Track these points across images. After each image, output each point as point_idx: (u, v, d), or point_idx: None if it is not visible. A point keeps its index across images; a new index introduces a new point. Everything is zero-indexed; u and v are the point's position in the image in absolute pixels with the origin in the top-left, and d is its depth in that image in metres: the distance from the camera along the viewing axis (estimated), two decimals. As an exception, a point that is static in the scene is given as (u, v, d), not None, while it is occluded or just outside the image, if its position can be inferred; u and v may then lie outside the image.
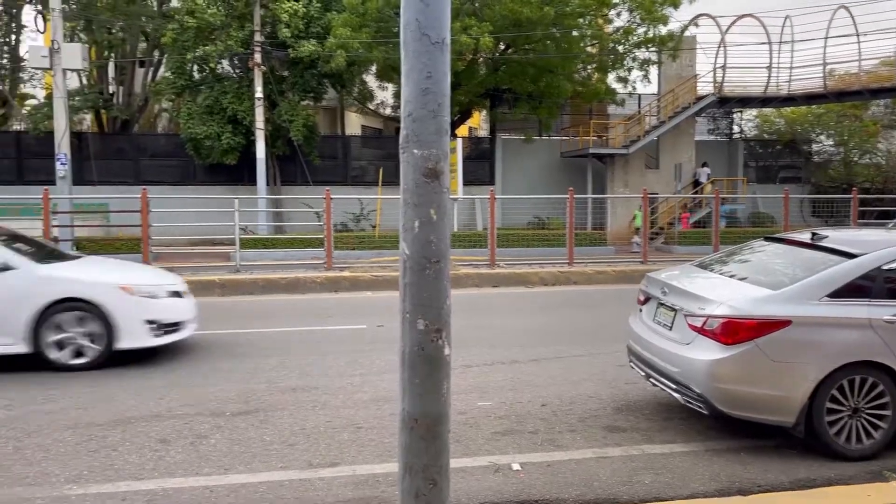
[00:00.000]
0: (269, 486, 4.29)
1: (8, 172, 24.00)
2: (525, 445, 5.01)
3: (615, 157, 25.23)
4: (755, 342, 4.69)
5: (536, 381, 6.70)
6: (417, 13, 2.70)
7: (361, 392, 6.31)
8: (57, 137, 17.35)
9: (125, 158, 24.69)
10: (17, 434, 5.14)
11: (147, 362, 7.35)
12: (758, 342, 4.69)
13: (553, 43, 22.58)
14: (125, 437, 5.08)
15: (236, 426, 5.35)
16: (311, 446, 4.94)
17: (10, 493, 4.14)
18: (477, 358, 7.53)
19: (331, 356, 7.68)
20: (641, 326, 5.76)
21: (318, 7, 21.82)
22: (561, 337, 8.83)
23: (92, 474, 4.43)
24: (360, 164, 26.60)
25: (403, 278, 2.84)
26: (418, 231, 2.79)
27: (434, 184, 2.79)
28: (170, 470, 4.51)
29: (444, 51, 2.74)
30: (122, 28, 24.97)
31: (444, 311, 2.83)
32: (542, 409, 5.81)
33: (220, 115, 22.23)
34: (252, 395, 6.21)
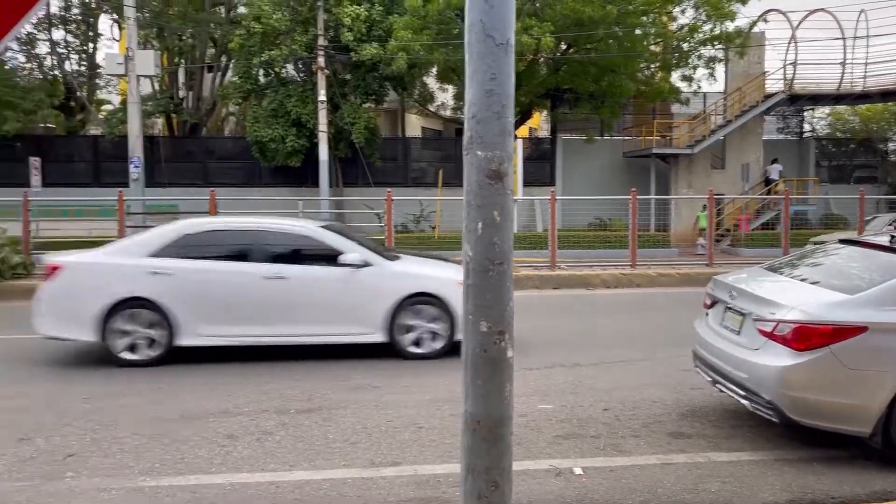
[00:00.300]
0: (332, 483, 4.35)
1: (85, 175, 25.06)
2: (587, 450, 4.95)
3: (679, 158, 24.72)
4: (829, 349, 4.52)
5: (598, 385, 6.62)
6: (482, 15, 2.70)
7: (422, 392, 6.35)
8: (131, 141, 18.02)
9: (194, 161, 25.47)
10: (95, 426, 5.36)
11: (216, 359, 7.56)
12: (832, 349, 4.52)
13: (615, 42, 22.26)
14: (195, 432, 5.23)
15: (300, 423, 5.45)
16: (373, 445, 5.00)
17: (89, 483, 4.32)
18: (537, 360, 7.48)
19: (392, 356, 7.74)
20: (708, 331, 5.62)
21: (380, 10, 22.06)
22: (623, 340, 8.70)
23: (164, 467, 4.58)
24: (420, 166, 26.78)
25: (466, 280, 2.84)
26: (481, 233, 2.78)
27: (497, 185, 2.78)
28: (237, 465, 4.62)
29: (508, 52, 2.73)
30: (191, 35, 25.78)
31: (507, 314, 2.82)
32: (605, 414, 5.73)
33: (284, 119, 22.71)
34: (315, 393, 6.32)
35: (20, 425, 5.38)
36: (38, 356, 7.76)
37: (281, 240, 7.77)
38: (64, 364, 7.45)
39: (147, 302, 7.29)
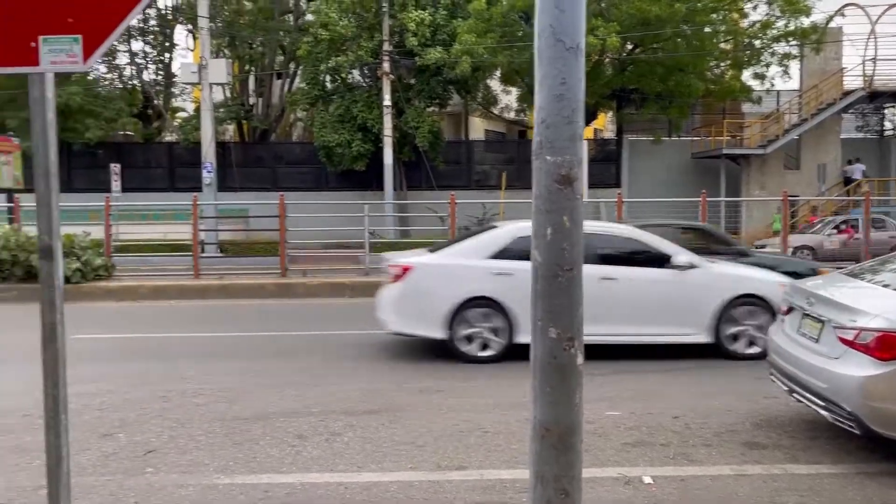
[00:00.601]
0: (399, 485, 4.39)
1: (161, 180, 26.03)
2: (656, 458, 4.86)
3: (751, 158, 24.02)
4: (916, 359, 4.30)
5: (667, 392, 6.48)
6: (552, 20, 2.69)
7: (487, 397, 6.34)
8: (204, 147, 18.65)
9: (263, 166, 26.15)
10: (172, 424, 5.55)
11: (284, 361, 7.73)
12: (919, 359, 4.30)
13: (683, 40, 21.81)
14: (266, 432, 5.36)
15: (367, 425, 5.52)
16: (439, 448, 5.02)
17: (167, 479, 4.48)
18: (604, 366, 7.38)
19: (456, 359, 7.76)
20: (784, 338, 5.44)
21: (444, 15, 22.20)
22: (692, 347, 8.48)
23: (237, 465, 4.71)
24: (483, 168, 26.80)
25: (535, 285, 2.83)
26: (550, 238, 2.77)
27: (567, 190, 2.76)
28: (307, 465, 4.71)
29: (578, 56, 2.71)
30: (261, 42, 26.49)
31: (577, 320, 2.80)
32: (675, 422, 5.61)
33: (350, 124, 23.09)
34: (382, 394, 6.39)
35: (103, 421, 5.62)
36: (114, 354, 8.10)
37: (608, 242, 8.03)
38: (141, 360, 7.74)
39: (491, 301, 7.60)
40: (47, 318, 2.59)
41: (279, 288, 13.04)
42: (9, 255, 12.33)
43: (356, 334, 9.34)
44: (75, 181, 24.47)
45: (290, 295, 12.89)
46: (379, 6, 21.98)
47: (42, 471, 4.52)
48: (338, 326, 9.97)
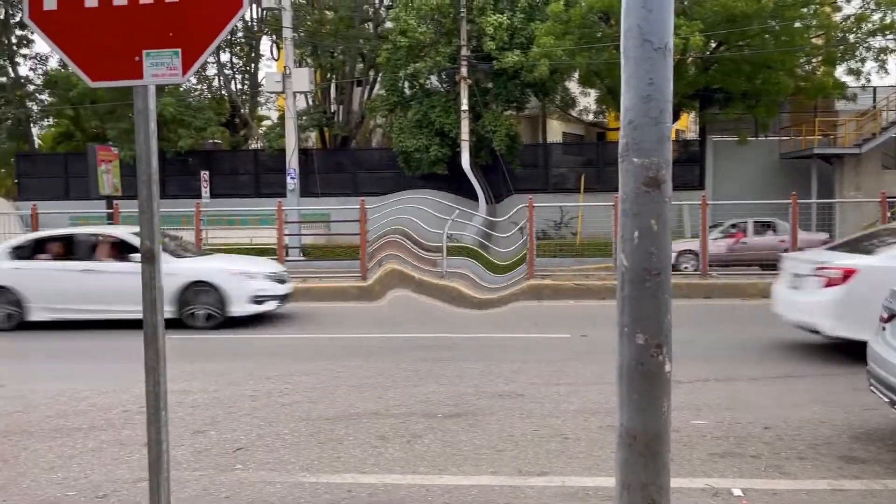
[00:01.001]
0: (480, 489, 4.39)
1: (247, 186, 26.94)
2: (746, 470, 4.68)
3: (844, 158, 22.90)
4: None
5: (757, 402, 6.25)
6: (639, 20, 2.65)
7: (568, 402, 6.27)
8: (287, 154, 19.21)
9: (344, 172, 26.70)
10: (259, 422, 5.74)
11: (363, 362, 7.87)
12: None
13: (771, 37, 21.03)
14: (348, 432, 5.47)
15: (448, 428, 5.55)
16: (520, 453, 4.99)
17: (256, 475, 4.63)
18: (689, 373, 7.17)
19: (536, 364, 7.72)
20: (885, 347, 5.15)
21: (521, 18, 22.15)
22: (783, 354, 8.18)
23: (321, 464, 4.82)
24: (561, 171, 26.56)
25: (621, 291, 2.78)
26: (637, 242, 2.71)
27: (655, 193, 2.71)
28: (388, 466, 4.78)
29: (666, 56, 2.66)
30: (342, 51, 27.08)
31: (665, 326, 2.73)
32: (765, 433, 5.39)
33: (428, 129, 23.31)
34: (461, 398, 6.41)
35: (195, 419, 5.86)
36: (203, 353, 8.43)
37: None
38: (229, 360, 8.03)
39: None
40: (149, 318, 2.72)
41: (360, 291, 13.27)
42: (108, 258, 13.00)
43: (432, 337, 9.41)
44: (168, 188, 25.62)
45: (369, 298, 13.11)
46: (457, 11, 22.12)
47: (141, 464, 4.76)
48: (414, 329, 10.07)
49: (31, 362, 8.59)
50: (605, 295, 12.50)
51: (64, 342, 9.79)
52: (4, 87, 29.17)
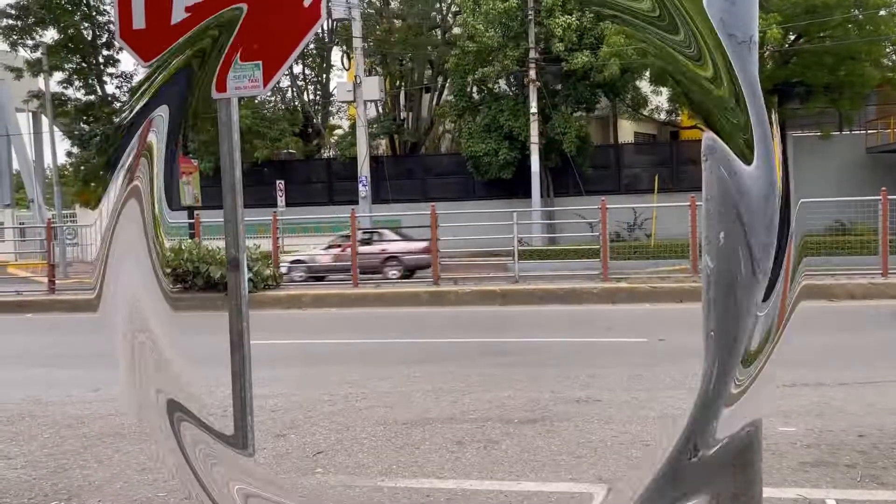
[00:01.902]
0: (559, 497, 4.33)
1: (319, 195, 27.51)
2: (840, 480, 4.46)
3: (939, 151, 21.64)
4: None
5: (848, 408, 5.95)
6: (722, 12, 2.57)
7: (648, 408, 6.13)
8: (359, 162, 19.52)
9: (414, 178, 26.95)
10: (338, 427, 5.82)
11: (438, 366, 7.90)
12: None
13: (855, 26, 20.10)
14: (425, 437, 5.49)
15: (524, 434, 5.50)
16: (599, 460, 4.90)
17: (336, 479, 4.70)
18: (776, 378, 6.90)
19: (612, 369, 7.58)
20: None
21: (590, 18, 21.88)
22: (875, 359, 7.77)
23: (399, 469, 4.85)
24: (633, 172, 26.09)
25: (707, 294, 2.69)
26: (724, 243, 2.63)
27: (741, 193, 2.61)
28: (466, 471, 4.76)
29: (752, 50, 2.57)
30: (411, 58, 27.37)
31: (754, 329, 2.63)
32: (859, 441, 5.13)
33: (497, 133, 23.29)
34: (537, 403, 6.35)
35: (276, 423, 6.00)
36: (282, 358, 8.63)
37: None
38: (306, 365, 8.19)
39: None
40: (235, 325, 2.79)
41: (432, 296, 13.34)
42: (192, 266, 13.51)
43: (506, 342, 9.36)
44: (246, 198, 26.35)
45: (442, 303, 13.16)
46: (525, 14, 22.03)
47: (226, 466, 4.90)
48: (488, 334, 10.05)
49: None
50: (682, 297, 12.18)
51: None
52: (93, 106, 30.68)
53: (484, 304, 13.06)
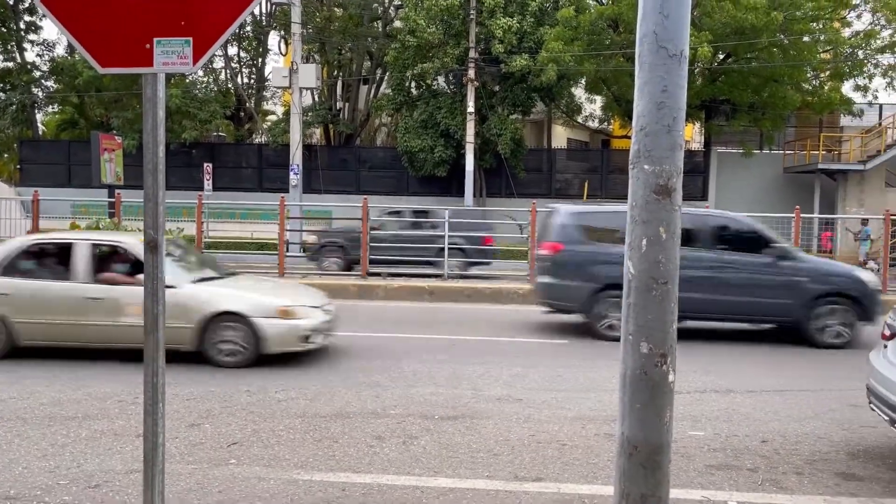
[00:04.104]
0: (475, 493, 4.36)
1: (250, 180, 26.92)
2: (743, 483, 4.66)
3: (849, 174, 22.90)
4: None
5: (755, 415, 6.22)
6: (655, 26, 2.62)
7: (565, 409, 6.24)
8: (292, 150, 19.17)
9: (347, 169, 26.68)
10: (255, 418, 5.71)
11: (363, 361, 7.84)
12: None
13: (779, 50, 21.01)
14: (344, 430, 5.44)
15: (444, 430, 5.52)
16: (516, 458, 4.96)
17: (250, 471, 4.60)
18: (688, 383, 7.15)
19: (534, 369, 7.70)
20: (886, 365, 5.12)
21: (531, 22, 22.13)
22: (783, 368, 8.15)
23: (316, 462, 4.79)
24: (565, 177, 26.53)
25: (627, 298, 2.75)
26: (646, 250, 2.69)
27: (665, 201, 2.69)
28: (383, 466, 4.75)
29: (681, 63, 2.64)
30: (350, 49, 27.06)
31: (670, 336, 2.71)
32: (763, 446, 5.37)
33: (433, 130, 23.29)
34: (458, 401, 6.38)
35: (190, 412, 5.83)
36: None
37: None
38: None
39: None
40: (150, 308, 2.69)
41: (360, 289, 13.24)
42: (108, 247, 12.97)
43: (432, 338, 9.38)
44: (170, 179, 25.56)
45: (370, 297, 13.08)
46: (466, 13, 22.10)
47: (134, 455, 4.73)
48: (415, 330, 10.05)
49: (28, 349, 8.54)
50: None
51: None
52: (10, 73, 29.14)
53: (412, 299, 13.05)
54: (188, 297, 7.53)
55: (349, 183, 26.14)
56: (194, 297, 7.59)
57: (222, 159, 27.23)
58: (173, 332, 7.29)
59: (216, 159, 26.46)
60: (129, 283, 7.60)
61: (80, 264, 7.68)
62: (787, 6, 19.84)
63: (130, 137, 23.70)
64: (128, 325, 7.37)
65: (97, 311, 7.49)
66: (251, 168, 27.50)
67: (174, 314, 7.22)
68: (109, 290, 7.56)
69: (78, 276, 7.65)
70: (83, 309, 7.51)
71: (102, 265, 7.85)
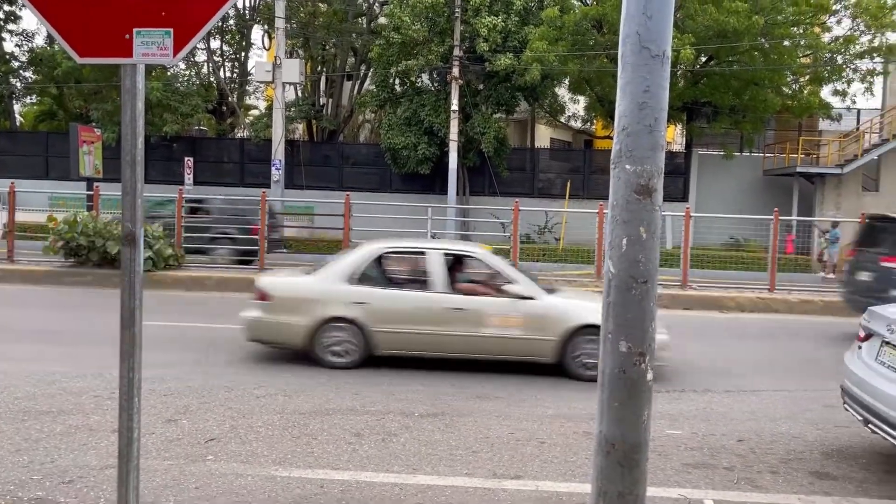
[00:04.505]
0: (453, 490, 4.37)
1: (231, 175, 26.72)
2: (719, 482, 4.70)
3: (826, 178, 23.17)
4: None
5: (731, 414, 6.28)
6: (638, 26, 2.63)
7: (544, 407, 6.27)
8: (274, 145, 19.06)
9: (330, 166, 26.55)
10: (233, 414, 5.67)
11: (343, 358, 7.82)
12: None
13: (760, 54, 21.19)
14: (323, 427, 5.42)
15: (423, 428, 5.52)
16: (495, 456, 4.98)
17: (227, 467, 4.57)
18: (667, 383, 7.21)
19: (514, 367, 7.70)
20: (860, 366, 5.19)
21: (515, 21, 22.15)
22: (759, 368, 8.23)
23: (294, 458, 4.77)
24: (548, 177, 26.60)
25: (607, 297, 2.76)
26: (626, 249, 2.70)
27: (645, 201, 2.70)
28: (362, 463, 4.74)
29: (664, 64, 2.65)
30: (334, 44, 26.92)
31: (649, 335, 2.72)
32: (739, 445, 5.42)
33: (417, 127, 23.24)
34: (438, 398, 6.38)
35: (168, 407, 5.78)
36: (180, 342, 8.33)
37: None
38: (205, 350, 7.94)
39: None
40: (127, 302, 2.66)
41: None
42: (86, 240, 12.84)
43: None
44: (151, 172, 25.31)
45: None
46: (451, 11, 22.07)
47: (109, 451, 4.68)
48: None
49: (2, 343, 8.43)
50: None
51: (41, 324, 9.63)
52: (-11, 62, 28.70)
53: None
54: (548, 308, 7.41)
55: (332, 179, 26.02)
56: (554, 309, 7.42)
57: (203, 153, 27.00)
58: (536, 344, 7.33)
59: (197, 153, 26.23)
60: (489, 293, 7.57)
61: (436, 274, 7.55)
62: (768, 10, 20.02)
63: (110, 130, 23.42)
64: (490, 336, 7.34)
65: (459, 322, 7.35)
66: (233, 163, 27.29)
67: (537, 326, 7.29)
68: (470, 300, 7.46)
69: (436, 286, 7.53)
70: (444, 319, 7.37)
71: (456, 275, 7.79)
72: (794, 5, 20.46)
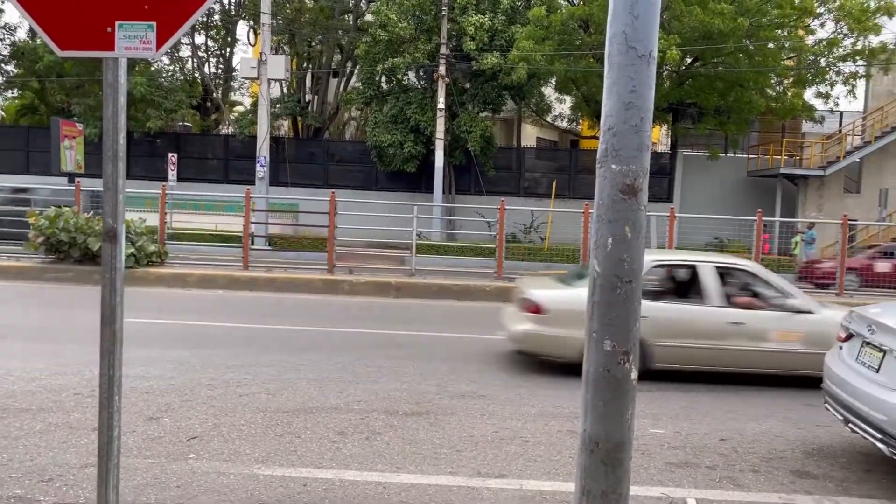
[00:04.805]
0: (437, 489, 4.36)
1: (215, 171, 26.54)
2: (701, 480, 4.73)
3: (809, 179, 23.40)
4: None
5: (714, 413, 6.32)
6: (625, 26, 2.64)
7: (529, 405, 6.28)
8: (259, 142, 18.94)
9: (316, 163, 26.45)
10: (216, 412, 5.62)
11: (326, 356, 7.78)
12: None
13: (745, 56, 21.34)
14: (307, 426, 5.39)
15: (408, 426, 5.51)
16: (479, 454, 4.97)
17: (209, 465, 4.53)
18: (649, 382, 7.23)
19: (499, 365, 7.72)
20: (841, 366, 5.24)
21: (502, 20, 22.17)
22: (742, 368, 8.28)
23: (277, 457, 4.74)
24: (534, 176, 26.66)
25: (592, 296, 2.76)
26: (611, 248, 2.71)
27: (631, 201, 2.70)
28: (346, 462, 4.71)
29: (650, 64, 2.66)
30: (320, 41, 26.81)
31: (633, 334, 2.73)
32: (721, 444, 5.46)
33: (403, 125, 23.21)
34: (423, 397, 6.37)
35: (149, 405, 5.73)
36: (162, 339, 8.27)
37: None
38: (188, 347, 7.87)
39: None
40: (107, 299, 2.63)
41: (325, 284, 13.15)
42: (67, 236, 12.71)
43: (397, 334, 9.35)
44: (134, 168, 25.11)
45: (335, 292, 13.00)
46: (438, 9, 22.05)
47: (89, 449, 4.63)
48: (381, 326, 10.01)
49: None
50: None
51: (25, 321, 9.52)
52: (-31, 55, 28.32)
53: (378, 295, 13.00)
54: (826, 322, 7.20)
55: (317, 176, 25.92)
56: (832, 322, 7.03)
57: (187, 149, 26.80)
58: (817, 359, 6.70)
59: (181, 149, 26.03)
60: (765, 307, 7.47)
61: (711, 287, 7.45)
62: (753, 13, 20.17)
63: (92, 125, 23.17)
64: (771, 351, 7.24)
65: (739, 336, 7.28)
66: (217, 159, 27.11)
67: (816, 340, 7.08)
68: (750, 314, 7.37)
69: (712, 300, 7.43)
70: (725, 333, 7.29)
71: (729, 288, 7.67)
72: (779, 8, 20.62)
